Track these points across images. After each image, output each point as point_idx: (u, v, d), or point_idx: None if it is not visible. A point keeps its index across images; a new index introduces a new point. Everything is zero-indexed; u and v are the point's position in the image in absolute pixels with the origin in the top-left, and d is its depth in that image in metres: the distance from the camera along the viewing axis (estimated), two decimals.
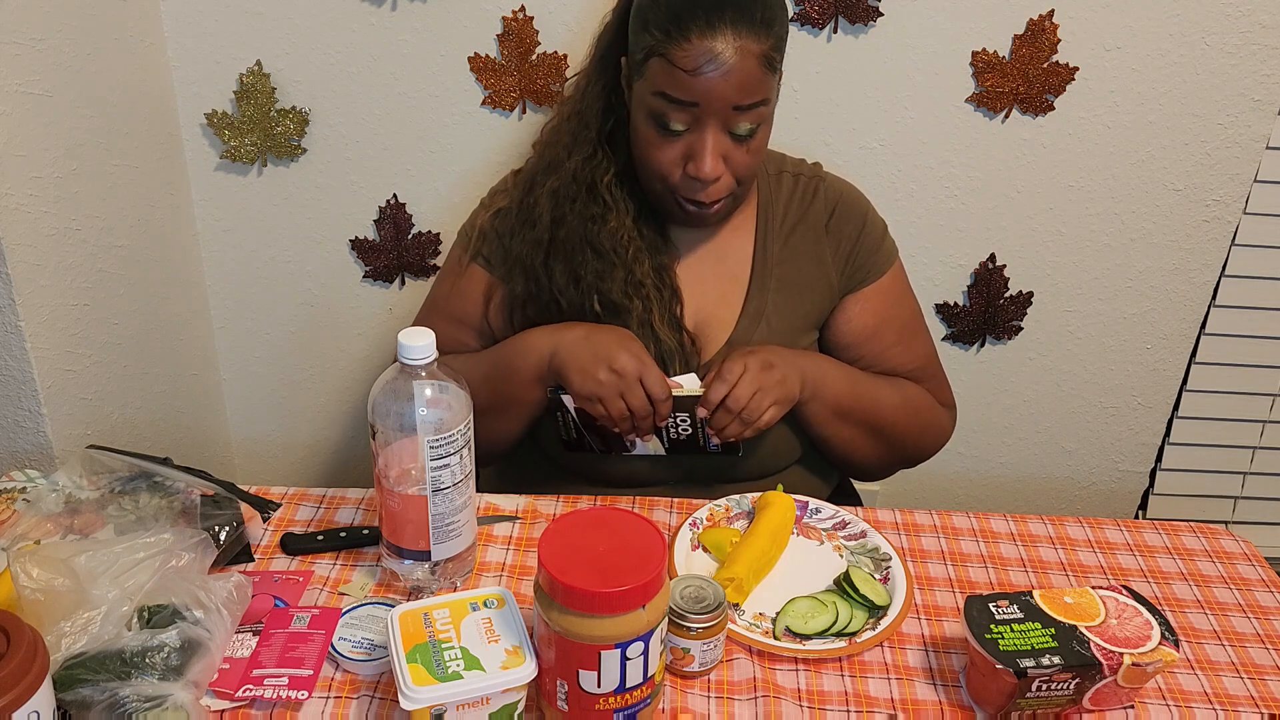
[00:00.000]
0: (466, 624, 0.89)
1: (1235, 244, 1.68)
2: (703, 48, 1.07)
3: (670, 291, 1.25)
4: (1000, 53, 1.52)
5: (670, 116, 1.12)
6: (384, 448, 0.97)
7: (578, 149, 1.23)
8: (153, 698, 0.85)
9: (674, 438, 1.20)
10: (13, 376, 1.28)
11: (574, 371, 1.14)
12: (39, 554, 0.91)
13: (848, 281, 1.30)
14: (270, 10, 1.49)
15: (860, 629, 1.01)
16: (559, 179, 1.23)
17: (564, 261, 1.23)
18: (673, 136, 1.13)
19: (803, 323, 1.29)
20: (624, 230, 1.22)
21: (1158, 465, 1.89)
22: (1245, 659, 1.02)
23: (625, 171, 1.23)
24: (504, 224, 1.27)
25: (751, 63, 1.09)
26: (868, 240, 1.30)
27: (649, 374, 1.13)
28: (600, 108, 1.23)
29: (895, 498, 1.93)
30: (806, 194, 1.30)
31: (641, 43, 1.12)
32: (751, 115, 1.11)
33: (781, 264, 1.28)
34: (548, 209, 1.23)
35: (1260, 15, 1.50)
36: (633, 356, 1.13)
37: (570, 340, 1.17)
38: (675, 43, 1.08)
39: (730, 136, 1.13)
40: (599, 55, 1.23)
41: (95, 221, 1.37)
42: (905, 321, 1.34)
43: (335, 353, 1.77)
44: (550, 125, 1.29)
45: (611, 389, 1.13)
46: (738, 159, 1.14)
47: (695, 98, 1.09)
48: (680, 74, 1.09)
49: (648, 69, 1.12)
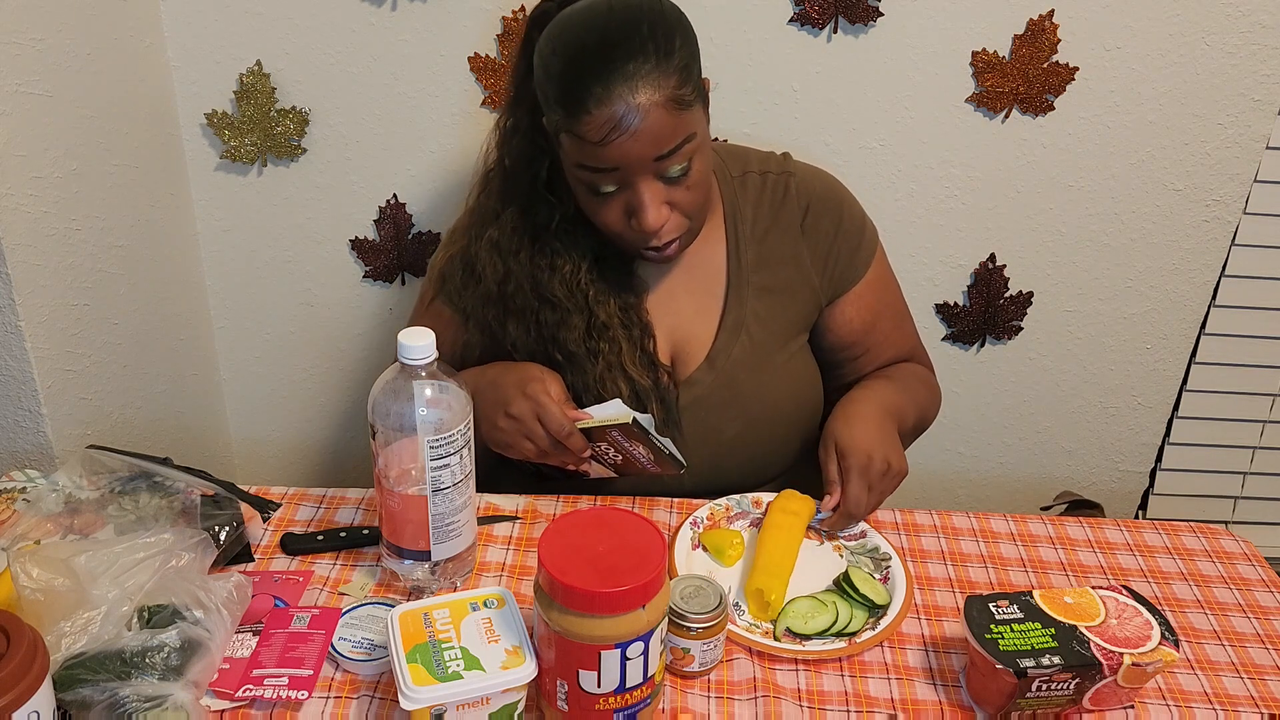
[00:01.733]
0: (466, 624, 0.89)
1: (1235, 244, 1.68)
2: (604, 116, 1.02)
3: (640, 328, 1.20)
4: (1000, 53, 1.52)
5: (597, 183, 1.08)
6: (384, 448, 0.97)
7: (510, 200, 1.19)
8: (153, 698, 0.85)
9: (612, 462, 1.17)
10: (13, 376, 1.28)
11: (481, 421, 1.12)
12: (39, 554, 0.91)
13: (834, 284, 1.27)
14: (270, 10, 1.49)
15: (860, 629, 1.01)
16: (498, 231, 1.19)
17: (516, 316, 1.19)
18: (608, 197, 1.10)
19: (787, 329, 1.26)
20: (581, 275, 1.18)
21: (1158, 465, 1.89)
22: (1245, 659, 1.02)
23: (575, 215, 1.17)
24: (456, 271, 1.23)
25: (659, 113, 1.03)
26: (847, 236, 1.26)
27: (546, 414, 1.09)
28: (528, 157, 1.17)
29: (895, 498, 1.91)
30: (776, 193, 1.25)
31: (550, 117, 1.09)
32: (677, 157, 1.07)
33: (758, 270, 1.24)
34: (490, 264, 1.19)
35: (1260, 15, 1.50)
36: (528, 399, 1.10)
37: (481, 389, 1.14)
38: (577, 118, 1.03)
39: (664, 181, 1.09)
40: (515, 98, 1.16)
41: (95, 221, 1.37)
42: (896, 306, 1.34)
43: (335, 353, 1.77)
44: (481, 169, 1.24)
45: (513, 434, 1.11)
46: (680, 198, 1.10)
47: (613, 163, 1.05)
48: (590, 146, 1.04)
49: (561, 141, 1.08)
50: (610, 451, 1.14)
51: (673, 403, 1.21)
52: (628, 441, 1.12)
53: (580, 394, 1.18)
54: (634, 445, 1.12)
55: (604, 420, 1.10)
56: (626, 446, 1.13)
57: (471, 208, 1.26)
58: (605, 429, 1.10)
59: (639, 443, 1.12)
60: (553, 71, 1.06)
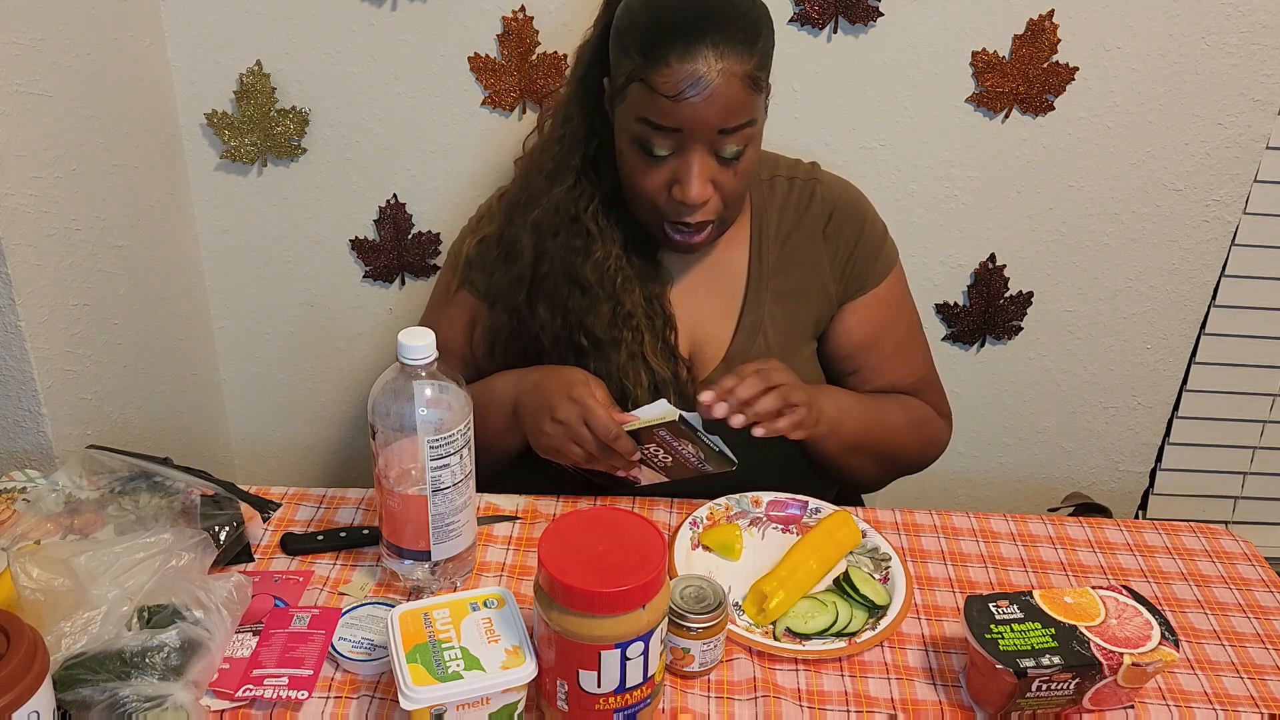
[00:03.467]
0: (466, 624, 0.89)
1: (1235, 244, 1.68)
2: (684, 71, 1.04)
3: (663, 319, 1.22)
4: (1000, 53, 1.52)
5: (654, 142, 1.09)
6: (384, 448, 0.97)
7: (560, 178, 1.20)
8: (153, 698, 0.85)
9: (663, 465, 1.16)
10: (13, 376, 1.28)
11: (528, 431, 1.14)
12: (39, 554, 0.91)
13: (846, 289, 1.27)
14: (270, 10, 1.49)
15: (860, 629, 1.01)
16: (541, 211, 1.20)
17: (547, 298, 1.20)
18: (657, 161, 1.10)
19: (801, 333, 1.27)
20: (610, 261, 1.19)
21: (1158, 465, 1.89)
22: (1245, 659, 1.02)
23: (611, 198, 1.19)
24: (487, 254, 1.25)
25: (735, 85, 1.05)
26: (867, 245, 1.27)
27: (592, 416, 1.08)
28: (583, 133, 1.19)
29: (895, 498, 1.91)
30: (802, 198, 1.27)
31: (622, 67, 1.09)
32: (737, 137, 1.08)
33: (777, 274, 1.25)
34: (529, 244, 1.20)
35: (1260, 15, 1.50)
36: (574, 403, 1.09)
37: (524, 394, 1.15)
38: (655, 67, 1.05)
39: (716, 159, 1.10)
40: (580, 75, 1.19)
41: (95, 221, 1.37)
42: (904, 331, 1.32)
43: (335, 353, 1.77)
44: (533, 147, 1.25)
45: (560, 439, 1.10)
46: (725, 181, 1.11)
47: (678, 123, 1.06)
48: (661, 99, 1.05)
49: (629, 94, 1.09)
50: (660, 454, 1.14)
51: (691, 397, 1.21)
52: (676, 441, 1.11)
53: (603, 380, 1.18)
54: (682, 444, 1.12)
55: (650, 420, 1.09)
56: (675, 446, 1.12)
57: (506, 190, 1.28)
58: (653, 429, 1.09)
59: (687, 441, 1.11)
60: (639, 21, 1.08)
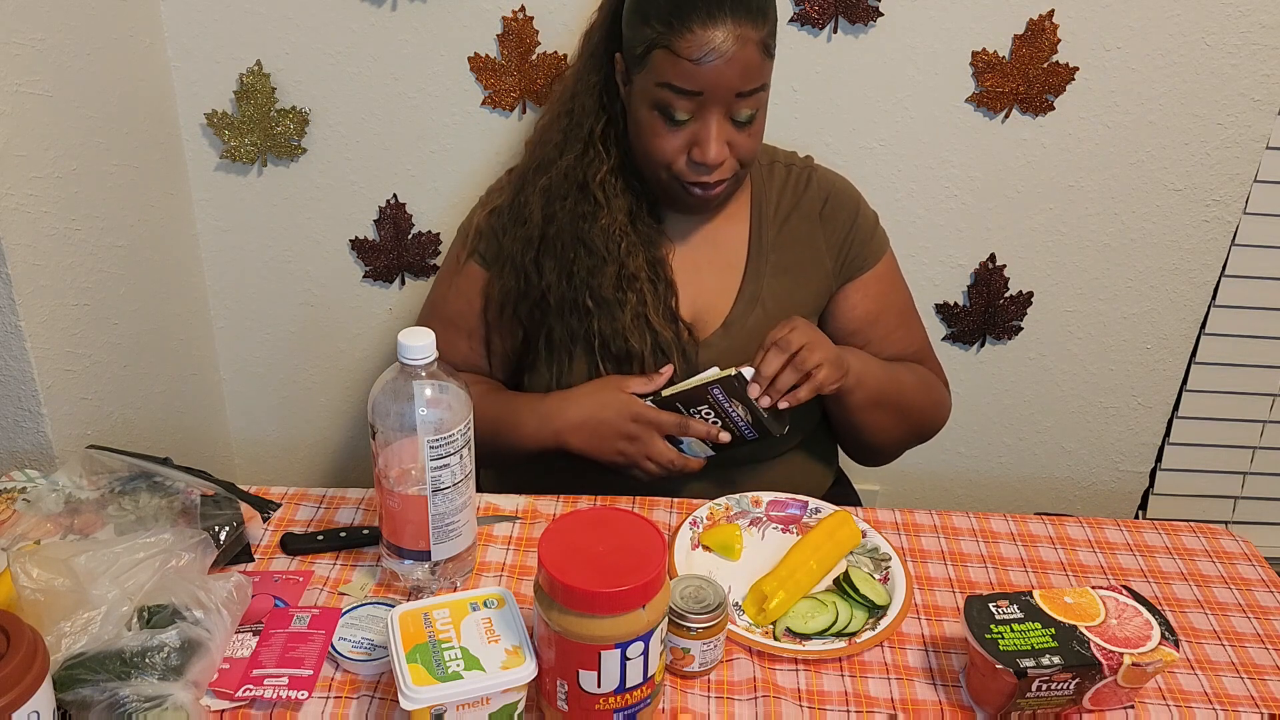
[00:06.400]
0: (466, 624, 0.89)
1: (1235, 244, 1.68)
2: (705, 37, 1.11)
3: (665, 284, 1.27)
4: (1000, 53, 1.52)
5: (675, 106, 1.15)
6: (384, 448, 0.97)
7: (569, 147, 1.26)
8: (153, 698, 0.85)
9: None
10: (13, 376, 1.28)
11: (601, 459, 1.22)
12: (39, 554, 0.91)
13: (845, 269, 1.33)
14: (270, 10, 1.49)
15: (860, 629, 1.01)
16: (550, 177, 1.26)
17: (554, 258, 1.25)
18: (677, 126, 1.16)
19: (800, 308, 1.31)
20: (616, 227, 1.25)
21: (1158, 465, 1.89)
22: (1245, 659, 1.02)
23: (617, 168, 1.26)
24: (497, 221, 1.30)
25: (751, 49, 1.12)
26: (861, 229, 1.33)
27: (653, 451, 1.19)
28: (593, 106, 1.25)
29: (895, 498, 1.93)
30: (799, 183, 1.33)
31: (641, 36, 1.15)
32: (752, 100, 1.15)
33: (777, 250, 1.31)
34: (538, 207, 1.26)
35: (1260, 15, 1.50)
36: (633, 419, 1.19)
37: (576, 428, 1.22)
38: (678, 34, 1.11)
39: (732, 123, 1.16)
40: (589, 53, 1.26)
41: (95, 221, 1.37)
42: (903, 305, 1.38)
43: (335, 353, 1.77)
44: (542, 123, 1.31)
45: (637, 456, 1.20)
46: (740, 143, 1.18)
47: (699, 86, 1.13)
48: (684, 64, 1.12)
49: (650, 61, 1.15)
50: (711, 416, 1.19)
51: (693, 356, 1.26)
52: (728, 402, 1.17)
53: (609, 340, 1.25)
54: (734, 406, 1.17)
55: (704, 379, 1.17)
56: (727, 408, 1.17)
57: (516, 167, 1.34)
58: (706, 387, 1.16)
59: (739, 403, 1.16)
60: None
